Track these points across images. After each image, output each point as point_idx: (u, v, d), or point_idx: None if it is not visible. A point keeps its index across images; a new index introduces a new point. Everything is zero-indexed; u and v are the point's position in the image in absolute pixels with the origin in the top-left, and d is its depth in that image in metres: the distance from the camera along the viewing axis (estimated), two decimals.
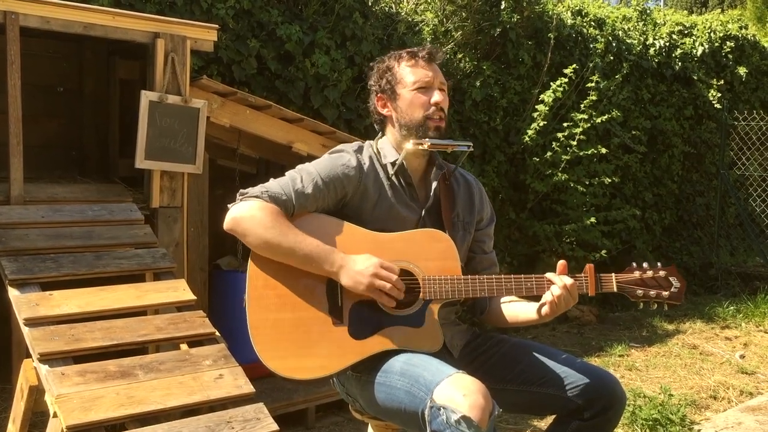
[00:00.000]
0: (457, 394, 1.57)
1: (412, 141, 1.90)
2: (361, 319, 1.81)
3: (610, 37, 6.20)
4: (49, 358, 1.97)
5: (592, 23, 6.31)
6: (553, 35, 5.48)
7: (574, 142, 5.22)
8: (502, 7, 5.24)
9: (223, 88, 3.10)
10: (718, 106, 6.99)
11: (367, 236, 1.86)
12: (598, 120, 5.40)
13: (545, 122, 5.24)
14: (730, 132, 7.14)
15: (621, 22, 6.64)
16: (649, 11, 6.98)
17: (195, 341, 2.22)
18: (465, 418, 1.53)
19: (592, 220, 5.27)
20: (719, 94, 7.02)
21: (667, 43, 6.77)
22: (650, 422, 3.20)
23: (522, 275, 1.87)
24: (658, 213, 6.78)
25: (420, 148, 1.90)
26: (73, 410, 1.82)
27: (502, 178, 5.35)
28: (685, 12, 8.56)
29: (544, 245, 5.37)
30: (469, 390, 1.58)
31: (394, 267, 1.80)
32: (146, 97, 2.79)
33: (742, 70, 7.33)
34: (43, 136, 3.21)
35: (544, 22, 5.66)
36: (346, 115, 4.32)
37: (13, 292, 2.19)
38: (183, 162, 2.91)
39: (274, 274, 1.81)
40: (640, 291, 1.86)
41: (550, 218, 5.47)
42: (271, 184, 1.84)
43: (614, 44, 6.25)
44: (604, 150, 5.41)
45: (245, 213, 1.79)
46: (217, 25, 3.03)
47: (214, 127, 3.09)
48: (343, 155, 1.93)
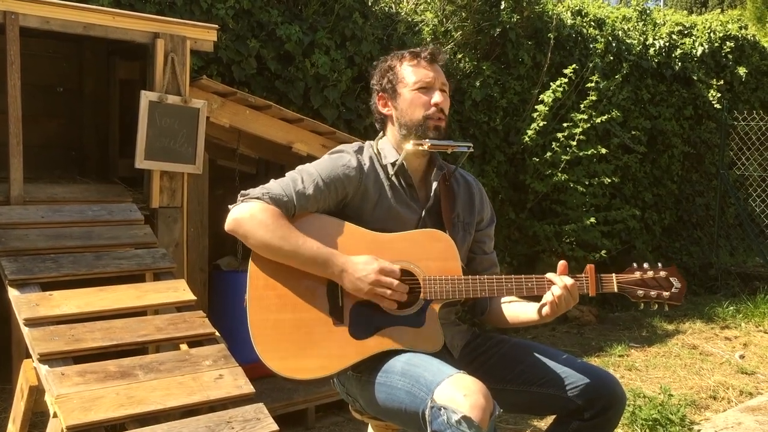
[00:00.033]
0: (458, 395, 1.57)
1: (412, 141, 1.90)
2: (361, 319, 1.81)
3: (610, 38, 6.20)
4: (49, 359, 1.97)
5: (592, 23, 6.32)
6: (553, 35, 5.48)
7: (574, 143, 5.22)
8: (502, 7, 5.24)
9: (223, 88, 3.10)
10: (717, 106, 6.99)
11: (368, 236, 1.86)
12: (598, 120, 5.40)
13: (545, 122, 5.24)
14: (730, 132, 7.14)
15: (621, 22, 6.64)
16: (648, 11, 6.98)
17: (195, 341, 2.22)
18: (466, 419, 1.53)
19: (592, 221, 5.27)
20: (719, 94, 7.02)
21: (667, 44, 6.77)
22: (650, 422, 3.20)
23: (522, 275, 1.87)
24: (658, 213, 6.78)
25: (420, 148, 1.90)
26: (73, 410, 1.81)
27: (502, 178, 5.35)
28: (685, 12, 8.56)
29: (544, 245, 5.37)
30: (470, 390, 1.58)
31: (396, 270, 1.80)
32: (146, 97, 2.79)
33: (742, 70, 7.33)
34: (43, 137, 3.21)
35: (544, 22, 5.66)
36: (346, 116, 4.32)
37: (13, 293, 2.19)
38: (183, 162, 2.91)
39: (274, 275, 1.81)
40: (641, 291, 1.86)
41: (549, 218, 5.47)
42: (272, 186, 1.84)
43: (614, 44, 6.25)
44: (603, 150, 5.41)
45: (246, 214, 1.79)
46: (216, 26, 3.03)
47: (213, 128, 3.09)
48: (344, 156, 1.92)
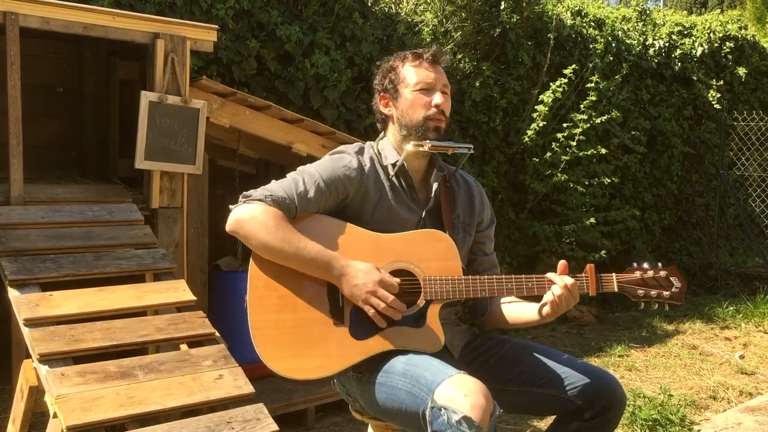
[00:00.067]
0: (459, 395, 1.57)
1: (412, 143, 1.90)
2: (362, 319, 1.81)
3: (610, 38, 6.21)
4: (49, 359, 1.97)
5: (592, 24, 6.32)
6: (553, 35, 5.49)
7: (574, 143, 5.22)
8: (502, 8, 5.24)
9: (223, 88, 3.10)
10: (717, 106, 7.00)
11: (368, 237, 1.86)
12: (598, 120, 5.40)
13: (545, 123, 5.24)
14: (730, 132, 7.15)
15: (620, 23, 6.64)
16: (648, 12, 6.98)
17: (195, 342, 2.22)
18: (466, 419, 1.53)
19: (592, 221, 5.27)
20: (719, 95, 7.02)
21: (667, 44, 6.77)
22: (650, 422, 3.20)
23: (522, 275, 1.87)
24: (658, 213, 6.78)
25: (420, 149, 1.90)
26: (72, 411, 1.81)
27: (502, 179, 5.35)
28: (685, 12, 8.56)
29: (544, 245, 5.37)
30: (471, 390, 1.58)
31: (395, 285, 1.78)
32: (146, 97, 2.79)
33: (742, 71, 7.33)
34: (43, 137, 3.21)
35: (544, 23, 5.66)
36: (346, 116, 4.32)
37: (13, 293, 2.19)
38: (183, 162, 2.91)
39: (275, 275, 1.81)
40: (641, 291, 1.86)
41: (549, 219, 5.47)
42: (274, 187, 1.84)
43: (614, 45, 6.26)
44: (603, 150, 5.41)
45: (248, 216, 1.78)
46: (216, 26, 3.03)
47: (213, 128, 3.09)
48: (344, 156, 1.92)
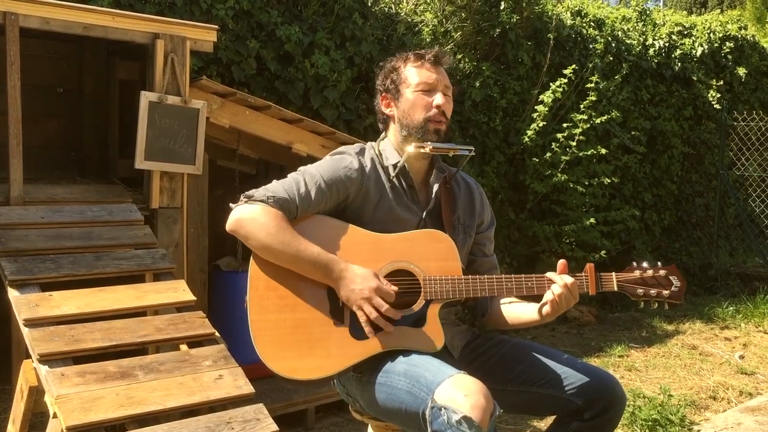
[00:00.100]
0: (459, 395, 1.57)
1: (414, 144, 1.90)
2: None
3: (610, 38, 6.21)
4: (48, 359, 1.97)
5: (592, 24, 6.32)
6: (553, 36, 5.49)
7: (574, 143, 5.22)
8: (502, 8, 5.24)
9: (223, 88, 3.10)
10: (717, 106, 7.00)
11: (369, 237, 1.86)
12: (598, 120, 5.40)
13: (545, 123, 5.24)
14: (730, 132, 7.15)
15: (620, 23, 6.64)
16: (648, 12, 6.99)
17: (195, 342, 2.22)
18: (466, 419, 1.53)
19: (592, 221, 5.27)
20: (719, 95, 7.02)
21: (667, 44, 6.77)
22: (650, 423, 3.20)
23: (522, 275, 1.87)
24: (658, 213, 6.78)
25: (422, 151, 1.90)
26: (72, 411, 1.81)
27: (502, 179, 5.35)
28: (685, 12, 8.57)
29: (544, 246, 5.37)
30: (471, 390, 1.58)
31: (392, 294, 1.78)
32: (146, 97, 2.79)
33: (742, 71, 7.33)
34: (43, 137, 3.21)
35: (544, 23, 5.66)
36: (346, 116, 4.32)
37: (12, 293, 2.19)
38: (183, 163, 2.91)
39: (275, 275, 1.81)
40: (641, 290, 1.86)
41: (549, 219, 5.47)
42: (275, 187, 1.83)
43: (614, 45, 6.26)
44: (603, 150, 5.41)
45: (248, 216, 1.78)
46: (216, 26, 3.03)
47: (213, 128, 3.09)
48: (345, 157, 1.92)
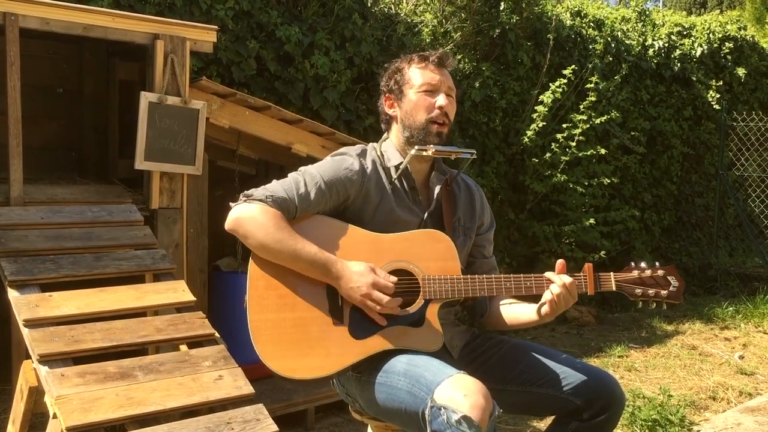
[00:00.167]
0: (458, 395, 1.57)
1: (416, 147, 1.90)
2: (361, 319, 1.81)
3: (609, 38, 6.21)
4: (48, 359, 1.97)
5: (591, 24, 6.32)
6: (552, 36, 5.49)
7: (573, 143, 5.22)
8: (502, 8, 5.25)
9: (223, 89, 3.10)
10: (717, 106, 7.00)
11: (368, 237, 1.86)
12: (597, 121, 5.41)
13: (544, 123, 5.24)
14: (729, 133, 7.15)
15: (620, 23, 6.65)
16: (648, 12, 6.99)
17: (194, 342, 2.22)
18: (465, 418, 1.53)
19: (591, 221, 5.27)
20: (718, 95, 7.03)
21: (666, 44, 6.77)
22: (649, 423, 3.20)
23: (521, 275, 1.87)
24: (657, 214, 6.79)
25: (424, 153, 1.90)
26: (72, 411, 1.81)
27: (502, 179, 5.35)
28: (684, 13, 8.57)
29: (544, 246, 5.37)
30: (470, 390, 1.58)
31: (390, 286, 1.78)
32: (146, 98, 2.79)
33: (741, 71, 7.34)
34: (43, 138, 3.21)
35: (543, 23, 5.67)
36: (346, 116, 4.32)
37: (12, 293, 2.19)
38: (182, 163, 2.92)
39: (275, 275, 1.81)
40: (639, 290, 1.87)
41: (549, 219, 5.47)
42: (275, 187, 1.84)
43: (613, 45, 6.26)
44: (603, 151, 5.42)
45: (247, 215, 1.79)
46: (216, 27, 3.03)
47: (213, 128, 3.09)
48: (346, 158, 1.93)
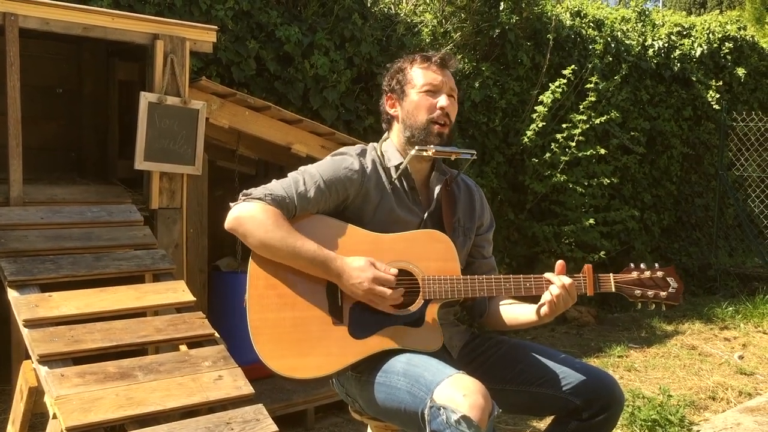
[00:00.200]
0: (457, 394, 1.57)
1: (416, 147, 1.90)
2: (361, 318, 1.81)
3: (609, 38, 6.21)
4: (48, 360, 1.97)
5: (591, 24, 6.32)
6: (552, 36, 5.49)
7: (573, 143, 5.22)
8: (501, 8, 5.25)
9: (222, 89, 3.10)
10: (716, 107, 7.00)
11: (368, 237, 1.86)
12: (597, 121, 5.41)
13: (544, 123, 5.24)
14: (729, 133, 7.15)
15: (620, 23, 6.65)
16: (647, 12, 6.99)
17: (194, 342, 2.22)
18: (465, 418, 1.54)
19: (591, 221, 5.27)
20: (718, 95, 7.03)
21: (666, 44, 6.77)
22: (649, 423, 3.20)
23: (521, 276, 1.87)
24: (657, 214, 6.79)
25: (424, 154, 1.90)
26: (72, 411, 1.82)
27: (501, 179, 5.35)
28: (684, 13, 8.57)
29: (543, 246, 5.37)
30: (469, 390, 1.58)
31: (391, 279, 1.79)
32: (145, 98, 2.80)
33: (741, 71, 7.34)
34: (43, 138, 3.21)
35: (543, 23, 5.67)
36: (345, 116, 4.32)
37: (12, 294, 2.19)
38: (182, 163, 2.92)
39: (275, 274, 1.82)
40: (638, 291, 1.87)
41: (549, 219, 5.48)
42: (274, 186, 1.84)
43: (613, 45, 6.26)
44: (602, 151, 5.42)
45: (247, 214, 1.79)
46: (216, 27, 3.03)
47: (213, 129, 3.09)
48: (346, 158, 1.93)
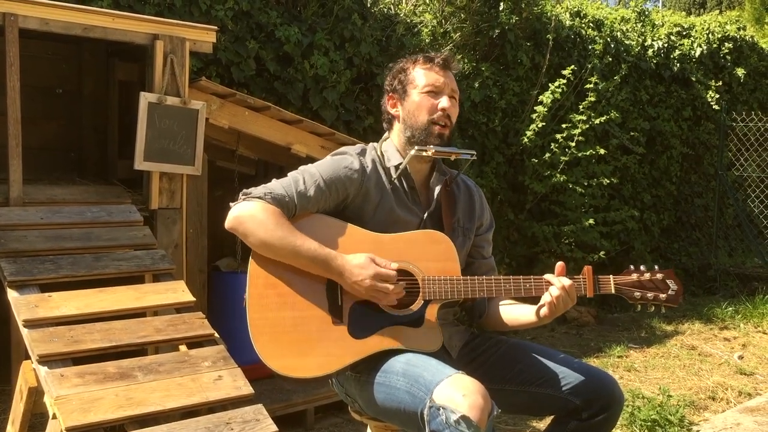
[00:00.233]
0: (457, 395, 1.58)
1: (416, 147, 1.90)
2: (360, 318, 1.81)
3: (609, 39, 6.21)
4: (48, 360, 1.97)
5: (591, 24, 6.32)
6: (552, 36, 5.49)
7: (573, 143, 5.22)
8: (501, 9, 5.25)
9: (222, 89, 3.10)
10: (716, 107, 7.00)
11: (368, 237, 1.86)
12: (597, 121, 5.41)
13: (544, 123, 5.24)
14: (729, 133, 7.15)
15: (619, 24, 6.65)
16: (647, 12, 6.99)
17: (194, 342, 2.22)
18: (464, 418, 1.54)
19: (591, 221, 5.27)
20: (717, 95, 7.03)
21: (666, 45, 6.78)
22: (649, 423, 3.20)
23: (520, 276, 1.87)
24: (657, 214, 6.79)
25: (424, 154, 1.90)
26: (72, 412, 1.82)
27: (501, 179, 5.36)
28: (684, 13, 8.57)
29: (543, 246, 5.37)
30: (469, 390, 1.58)
31: (392, 275, 1.79)
32: (145, 98, 2.80)
33: (741, 71, 7.34)
34: (42, 138, 3.21)
35: (543, 24, 5.67)
36: (345, 117, 4.32)
37: (12, 294, 2.19)
38: (182, 163, 2.92)
39: (275, 273, 1.82)
40: (638, 293, 1.87)
41: (548, 219, 5.48)
42: (274, 185, 1.85)
43: (612, 45, 6.26)
44: (602, 151, 5.42)
45: (247, 213, 1.79)
46: (215, 27, 3.03)
47: (213, 129, 3.09)
48: (346, 157, 1.93)
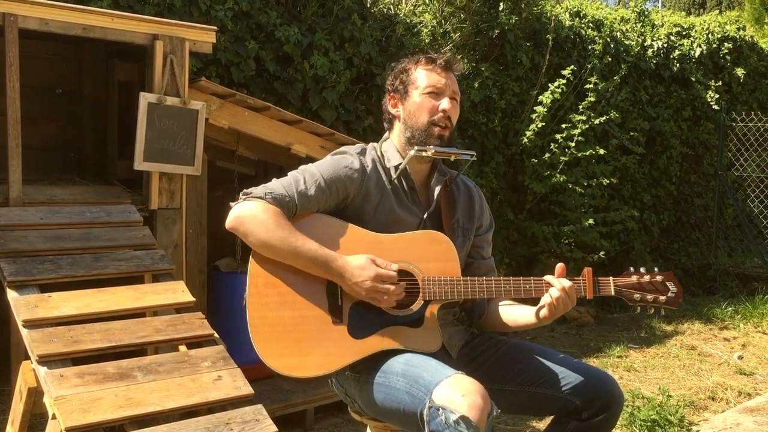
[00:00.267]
0: (456, 395, 1.58)
1: (416, 147, 1.91)
2: (360, 318, 1.82)
3: (608, 39, 6.21)
4: (47, 360, 1.97)
5: (590, 25, 6.32)
6: (552, 37, 5.49)
7: (573, 144, 5.23)
8: (501, 9, 5.25)
9: (222, 89, 3.10)
10: (716, 107, 7.01)
11: (368, 237, 1.86)
12: (597, 121, 5.41)
13: (543, 123, 5.24)
14: (728, 133, 7.16)
15: (619, 24, 6.65)
16: (647, 13, 6.99)
17: (194, 343, 2.22)
18: (464, 419, 1.54)
19: (591, 222, 5.27)
20: (717, 96, 7.03)
21: (665, 45, 6.78)
22: (649, 423, 3.20)
23: (520, 278, 1.88)
24: (657, 214, 6.79)
25: (424, 154, 1.90)
26: (71, 412, 1.81)
27: (501, 180, 5.36)
28: (683, 13, 8.58)
29: (543, 246, 5.37)
30: (468, 390, 1.58)
31: (393, 275, 1.80)
32: (145, 98, 2.80)
33: (740, 72, 7.34)
34: (42, 138, 3.21)
35: (543, 24, 5.67)
36: (345, 117, 4.32)
37: (11, 294, 2.19)
38: (182, 164, 2.92)
39: (275, 272, 1.82)
40: (638, 295, 1.88)
41: (548, 219, 5.48)
42: (274, 185, 1.85)
43: (612, 45, 6.26)
44: (602, 151, 5.42)
45: (247, 213, 1.79)
46: (215, 27, 3.03)
47: (212, 129, 3.09)
48: (346, 157, 1.93)
